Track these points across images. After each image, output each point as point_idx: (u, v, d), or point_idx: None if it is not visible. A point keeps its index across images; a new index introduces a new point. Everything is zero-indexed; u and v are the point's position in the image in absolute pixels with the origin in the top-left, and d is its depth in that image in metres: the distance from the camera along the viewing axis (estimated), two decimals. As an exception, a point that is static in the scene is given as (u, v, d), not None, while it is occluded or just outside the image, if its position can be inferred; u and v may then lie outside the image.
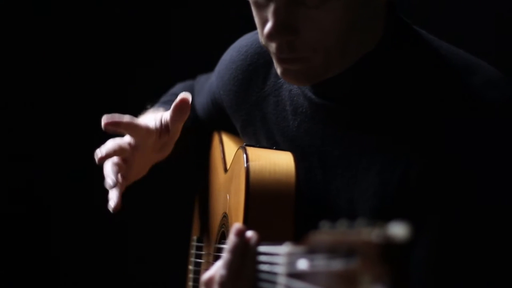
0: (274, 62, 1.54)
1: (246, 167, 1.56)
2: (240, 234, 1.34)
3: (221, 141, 1.88)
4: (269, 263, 1.24)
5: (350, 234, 1.02)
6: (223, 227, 1.70)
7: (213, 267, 1.39)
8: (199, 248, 1.93)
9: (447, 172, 1.45)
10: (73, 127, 3.04)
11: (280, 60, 1.50)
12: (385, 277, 0.97)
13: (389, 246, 0.98)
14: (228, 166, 1.76)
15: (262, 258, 1.29)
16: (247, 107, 1.72)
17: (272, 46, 1.49)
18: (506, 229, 1.44)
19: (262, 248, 1.31)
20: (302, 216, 1.52)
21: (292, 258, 1.14)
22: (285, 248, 1.18)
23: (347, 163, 1.53)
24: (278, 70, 1.52)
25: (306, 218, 1.50)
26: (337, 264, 1.02)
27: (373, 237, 0.98)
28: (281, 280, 1.17)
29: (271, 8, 1.45)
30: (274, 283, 1.20)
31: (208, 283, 1.38)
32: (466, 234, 1.44)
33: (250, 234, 1.34)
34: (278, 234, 1.46)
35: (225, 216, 1.68)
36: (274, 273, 1.20)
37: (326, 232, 1.08)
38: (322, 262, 1.05)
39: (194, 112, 1.94)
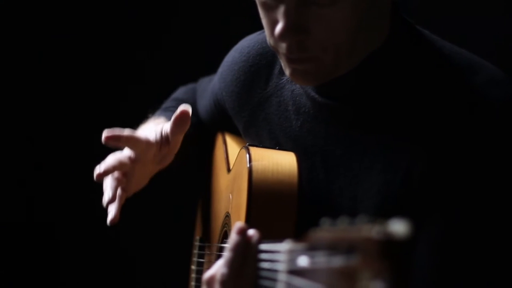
0: (282, 63, 1.54)
1: (249, 167, 1.56)
2: (242, 232, 1.34)
3: (225, 141, 1.88)
4: (270, 260, 1.24)
5: (351, 231, 1.03)
6: (226, 227, 1.70)
7: (214, 265, 1.39)
8: (201, 248, 1.93)
9: (450, 171, 1.45)
10: (75, 128, 3.05)
11: (289, 61, 1.50)
12: (385, 273, 0.97)
13: (389, 243, 0.98)
14: (231, 166, 1.77)
15: (263, 256, 1.30)
16: (250, 108, 1.73)
17: (282, 46, 1.49)
18: (508, 228, 1.44)
19: (263, 246, 1.31)
20: (304, 216, 1.52)
21: (293, 255, 1.14)
22: (286, 246, 1.18)
23: (350, 162, 1.54)
24: (287, 71, 1.53)
25: (308, 217, 1.50)
26: (337, 261, 1.02)
27: (373, 233, 0.99)
28: (282, 277, 1.17)
29: (281, 9, 1.45)
30: (275, 280, 1.20)
31: (210, 282, 1.38)
32: (469, 232, 1.44)
33: (251, 232, 1.34)
34: (280, 234, 1.45)
35: (227, 216, 1.68)
36: (275, 271, 1.21)
37: (326, 229, 1.09)
38: (322, 259, 1.05)
39: (196, 116, 1.95)
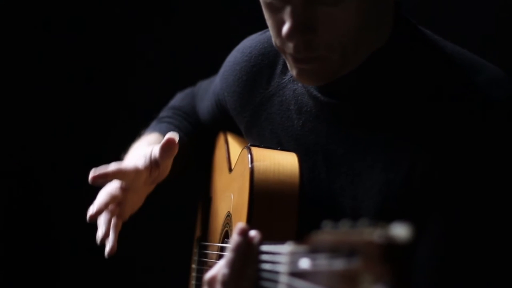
0: (288, 63, 1.55)
1: (250, 167, 1.56)
2: (243, 233, 1.34)
3: (226, 141, 1.89)
4: (272, 262, 1.24)
5: (352, 234, 1.03)
6: (227, 227, 1.70)
7: (215, 266, 1.39)
8: (202, 247, 1.93)
9: (452, 171, 1.45)
10: (75, 128, 3.05)
11: (296, 61, 1.51)
12: (386, 277, 0.97)
13: (390, 247, 0.98)
14: (233, 166, 1.77)
15: (265, 257, 1.29)
16: (252, 108, 1.73)
17: (288, 47, 1.49)
18: (509, 228, 1.44)
19: (265, 247, 1.31)
20: (306, 216, 1.52)
21: (294, 257, 1.14)
22: (288, 247, 1.18)
23: (352, 161, 1.54)
24: (294, 71, 1.53)
25: (310, 217, 1.50)
26: (339, 264, 1.02)
27: (375, 237, 0.99)
28: (283, 279, 1.17)
29: (288, 10, 1.46)
30: (276, 282, 1.20)
31: (211, 282, 1.38)
32: (470, 232, 1.44)
33: (253, 233, 1.34)
34: (281, 234, 1.46)
35: (228, 216, 1.69)
36: (276, 272, 1.21)
37: (328, 232, 1.09)
38: (324, 262, 1.05)
39: (196, 120, 1.96)
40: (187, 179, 2.12)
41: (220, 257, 1.70)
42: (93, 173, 1.62)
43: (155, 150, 1.66)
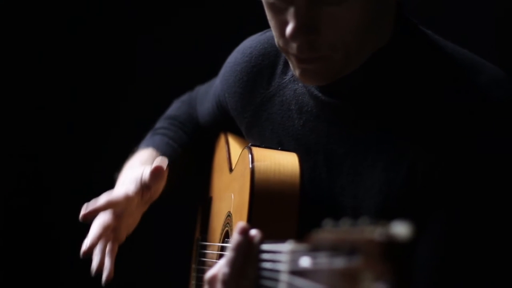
0: (291, 64, 1.55)
1: (251, 167, 1.56)
2: (244, 232, 1.34)
3: (227, 142, 1.89)
4: (272, 260, 1.24)
5: (353, 233, 1.03)
6: (227, 226, 1.70)
7: (216, 265, 1.39)
8: (203, 247, 1.93)
9: (453, 170, 1.46)
10: (74, 128, 3.05)
11: (299, 61, 1.51)
12: (387, 275, 0.97)
13: (391, 245, 0.98)
14: (233, 166, 1.77)
15: (265, 256, 1.30)
16: (252, 109, 1.73)
17: (292, 47, 1.49)
18: (510, 228, 1.45)
19: (265, 246, 1.31)
20: (306, 216, 1.52)
21: (295, 256, 1.14)
22: (288, 246, 1.18)
23: (353, 160, 1.54)
24: (297, 72, 1.53)
25: (311, 216, 1.50)
26: (339, 262, 1.02)
27: (376, 235, 0.99)
28: (284, 277, 1.17)
29: (291, 10, 1.46)
30: (276, 280, 1.20)
31: (211, 281, 1.38)
32: (471, 232, 1.45)
33: (253, 232, 1.34)
34: (282, 234, 1.45)
35: (229, 216, 1.69)
36: (276, 271, 1.21)
37: (329, 230, 1.09)
38: (324, 260, 1.05)
39: (194, 125, 1.97)
40: (187, 180, 2.12)
41: (220, 256, 1.71)
42: (84, 210, 1.66)
43: (145, 174, 1.70)
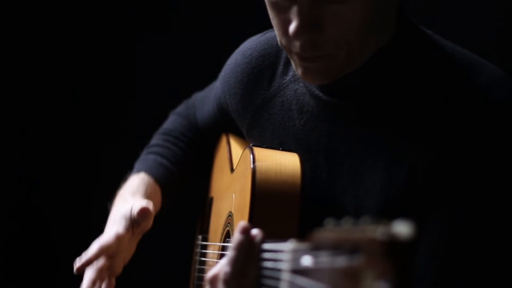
0: (293, 62, 1.55)
1: (252, 167, 1.56)
2: (245, 232, 1.35)
3: (228, 142, 1.89)
4: (274, 260, 1.24)
5: (355, 232, 1.03)
6: (228, 226, 1.70)
7: (217, 264, 1.39)
8: (203, 247, 1.94)
9: (453, 170, 1.46)
10: (74, 128, 3.05)
11: (302, 59, 1.51)
12: (388, 274, 0.97)
13: (393, 244, 0.98)
14: (234, 166, 1.77)
15: (267, 255, 1.30)
16: (253, 110, 1.74)
17: (295, 46, 1.49)
18: (510, 228, 1.45)
19: (267, 246, 1.31)
20: (307, 216, 1.53)
21: (296, 255, 1.15)
22: (290, 245, 1.18)
23: (353, 160, 1.55)
24: (299, 70, 1.54)
25: (311, 216, 1.51)
26: (341, 261, 1.03)
27: (378, 234, 0.99)
28: (285, 276, 1.17)
29: (295, 9, 1.46)
30: (278, 279, 1.20)
31: (213, 281, 1.38)
32: (471, 231, 1.45)
33: (255, 232, 1.35)
34: (283, 234, 1.46)
35: (230, 215, 1.69)
36: (278, 270, 1.21)
37: (330, 229, 1.09)
38: (326, 259, 1.06)
39: (187, 143, 1.99)
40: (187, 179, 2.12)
41: (221, 256, 1.71)
42: (77, 263, 1.69)
43: (134, 211, 1.73)
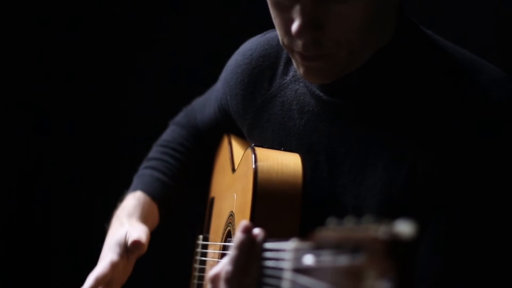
0: (295, 62, 1.55)
1: (254, 167, 1.57)
2: (247, 231, 1.35)
3: (230, 142, 1.90)
4: (275, 259, 1.25)
5: (357, 231, 1.03)
6: (230, 226, 1.71)
7: (219, 263, 1.39)
8: (204, 247, 1.94)
9: (453, 170, 1.46)
10: (73, 128, 3.06)
11: (304, 58, 1.51)
12: (390, 273, 0.98)
13: (395, 243, 0.98)
14: (236, 166, 1.78)
15: (268, 254, 1.30)
16: (254, 110, 1.74)
17: (297, 45, 1.50)
18: (511, 227, 1.45)
19: (268, 245, 1.32)
20: (308, 215, 1.53)
21: (298, 254, 1.15)
22: (292, 244, 1.19)
23: (354, 160, 1.55)
24: (301, 69, 1.54)
25: (312, 216, 1.51)
26: (343, 260, 1.03)
27: (380, 233, 0.99)
28: (287, 275, 1.17)
29: (297, 8, 1.46)
30: (280, 278, 1.20)
31: (214, 280, 1.38)
32: (473, 231, 1.45)
33: (257, 231, 1.35)
34: (284, 233, 1.46)
35: (231, 215, 1.69)
36: (280, 269, 1.21)
37: (332, 229, 1.09)
38: (328, 258, 1.06)
39: (185, 153, 2.00)
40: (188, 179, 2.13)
41: (222, 256, 1.71)
42: None
43: (128, 239, 1.76)
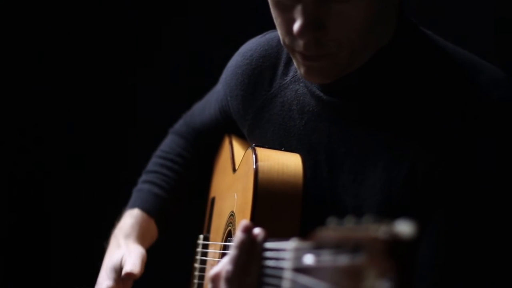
0: (296, 61, 1.55)
1: (255, 167, 1.57)
2: (247, 230, 1.35)
3: (231, 143, 1.90)
4: (276, 258, 1.25)
5: (357, 230, 1.03)
6: (230, 226, 1.71)
7: (219, 263, 1.39)
8: (205, 246, 1.94)
9: (453, 170, 1.47)
10: (72, 128, 3.06)
11: (305, 58, 1.52)
12: (391, 272, 0.98)
13: (395, 243, 0.99)
14: (236, 166, 1.78)
15: (269, 254, 1.30)
16: (254, 111, 1.74)
17: (299, 44, 1.50)
18: (511, 227, 1.46)
19: (269, 244, 1.32)
20: (308, 214, 1.53)
21: (299, 253, 1.15)
22: (292, 244, 1.19)
23: (354, 159, 1.55)
24: (302, 69, 1.54)
25: (312, 215, 1.51)
26: (343, 260, 1.03)
27: (380, 233, 0.99)
28: (287, 275, 1.18)
29: (299, 8, 1.47)
30: (280, 278, 1.20)
31: (215, 279, 1.39)
32: (473, 231, 1.45)
33: (257, 231, 1.35)
34: (284, 233, 1.46)
35: (232, 215, 1.69)
36: (280, 268, 1.21)
37: (333, 228, 1.09)
38: (328, 257, 1.06)
39: (184, 163, 2.02)
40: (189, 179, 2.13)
41: (223, 255, 1.71)
42: None
43: (123, 264, 1.80)
